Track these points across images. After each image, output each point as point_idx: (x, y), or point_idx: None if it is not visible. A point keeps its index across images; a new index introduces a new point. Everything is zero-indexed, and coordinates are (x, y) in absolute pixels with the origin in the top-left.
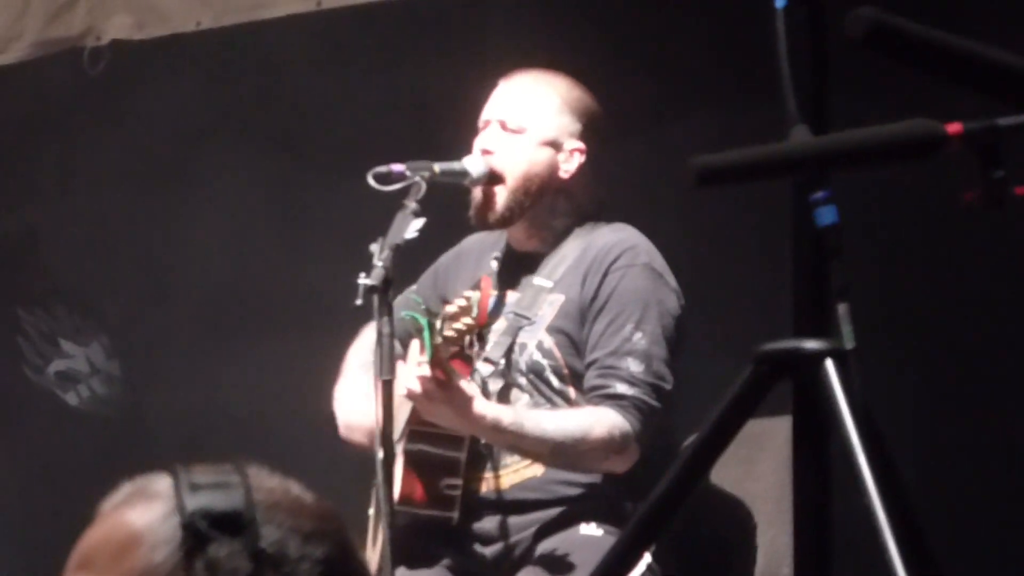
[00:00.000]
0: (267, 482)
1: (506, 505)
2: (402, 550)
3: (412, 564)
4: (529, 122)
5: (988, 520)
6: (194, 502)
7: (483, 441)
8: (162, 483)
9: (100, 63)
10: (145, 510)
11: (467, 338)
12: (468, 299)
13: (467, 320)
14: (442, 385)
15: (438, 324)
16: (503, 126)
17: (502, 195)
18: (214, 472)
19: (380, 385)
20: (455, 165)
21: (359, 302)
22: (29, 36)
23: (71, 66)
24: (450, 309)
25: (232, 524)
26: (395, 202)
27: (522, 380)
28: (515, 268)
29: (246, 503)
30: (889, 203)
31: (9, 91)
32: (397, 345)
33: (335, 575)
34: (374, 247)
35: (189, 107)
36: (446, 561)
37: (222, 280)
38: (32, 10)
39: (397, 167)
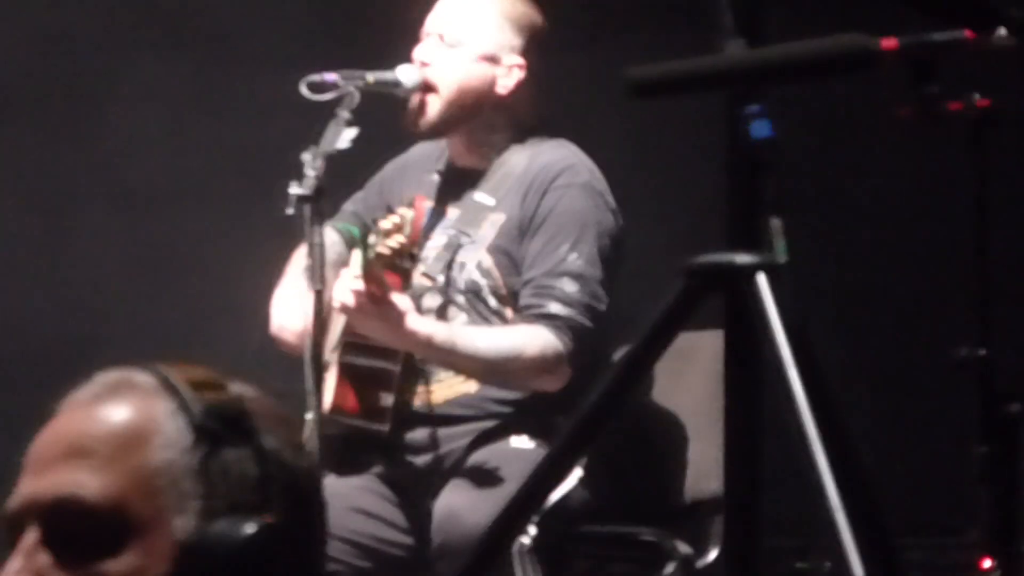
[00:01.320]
0: (248, 390)
1: (438, 419)
2: (333, 458)
3: (342, 472)
4: (467, 36)
5: (915, 436)
6: (201, 402)
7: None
8: (146, 377)
9: None
10: (146, 404)
11: (400, 256)
12: (402, 217)
13: (399, 238)
14: (375, 299)
15: (372, 239)
16: (441, 39)
17: (435, 104)
18: (202, 374)
19: (312, 295)
20: (388, 75)
21: (290, 211)
22: None
23: None
24: (384, 225)
25: (240, 428)
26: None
27: (460, 298)
28: (457, 182)
29: (246, 408)
30: (823, 117)
31: None
32: (343, 249)
33: (315, 488)
34: (306, 156)
35: (110, 12)
36: (376, 469)
37: (136, 186)
38: None
39: (330, 76)
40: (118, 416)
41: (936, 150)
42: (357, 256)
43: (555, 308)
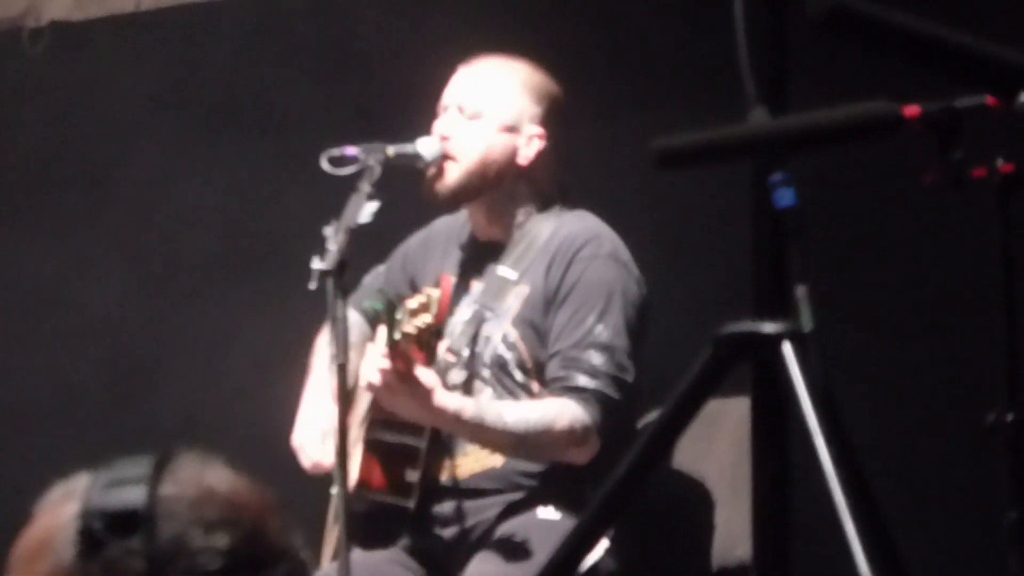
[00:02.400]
0: (181, 472)
1: (465, 492)
2: (359, 532)
3: (369, 545)
4: (487, 107)
5: (945, 502)
6: (94, 502)
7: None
8: (81, 483)
9: (40, 43)
10: (60, 512)
11: (427, 335)
12: (428, 297)
13: (426, 318)
14: (402, 377)
15: (398, 317)
16: (460, 111)
17: (454, 171)
18: (128, 467)
19: (335, 369)
20: (408, 148)
21: (313, 286)
22: None
23: (11, 47)
24: (411, 304)
25: (127, 523)
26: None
27: (485, 372)
28: (480, 256)
29: (147, 499)
30: (849, 184)
31: None
32: (365, 327)
33: (240, 563)
34: (328, 230)
35: (129, 88)
36: (403, 543)
37: (155, 265)
38: None
39: (350, 150)
40: (36, 528)
41: (962, 215)
42: (382, 332)
43: (583, 380)
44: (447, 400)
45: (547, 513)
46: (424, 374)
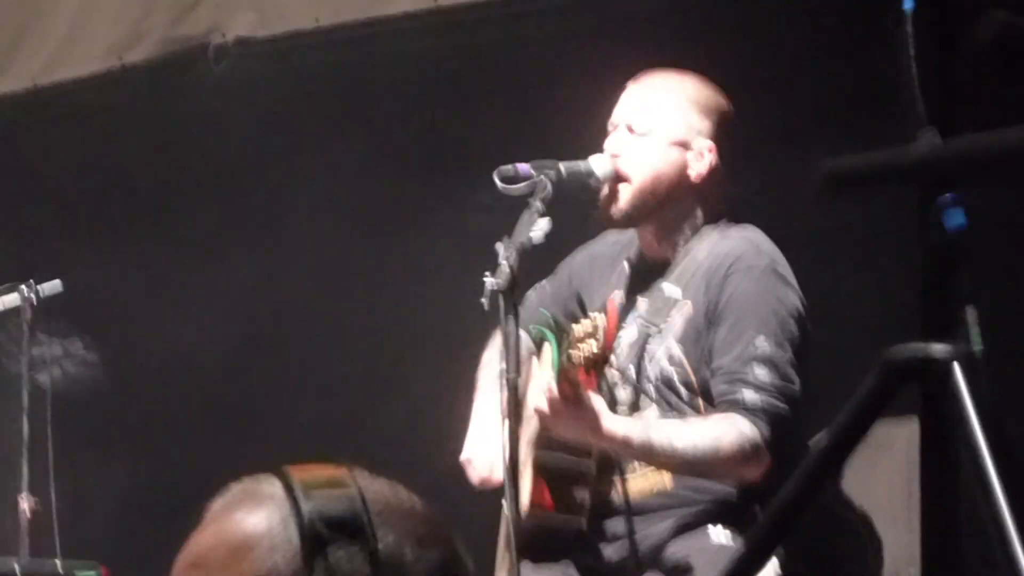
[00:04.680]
0: (375, 485)
1: (634, 509)
2: (529, 546)
3: (537, 559)
4: (656, 123)
5: None
6: (311, 505)
7: None
8: (272, 485)
9: (224, 60)
10: (260, 512)
11: (593, 362)
12: (594, 324)
13: (592, 344)
14: (569, 402)
15: (565, 343)
16: (630, 129)
17: (626, 192)
18: (326, 475)
19: (507, 383)
20: (580, 164)
21: (484, 303)
22: (156, 34)
23: (196, 63)
24: (577, 330)
25: (350, 527)
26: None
27: (651, 390)
28: (646, 273)
29: (362, 506)
30: (1020, 204)
31: (136, 89)
32: (531, 343)
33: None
34: (499, 246)
35: (305, 105)
36: (571, 559)
37: (319, 277)
38: (158, 8)
39: (523, 166)
40: (230, 527)
41: None
42: (548, 351)
43: (749, 395)
44: (615, 424)
45: (717, 535)
46: (591, 399)
